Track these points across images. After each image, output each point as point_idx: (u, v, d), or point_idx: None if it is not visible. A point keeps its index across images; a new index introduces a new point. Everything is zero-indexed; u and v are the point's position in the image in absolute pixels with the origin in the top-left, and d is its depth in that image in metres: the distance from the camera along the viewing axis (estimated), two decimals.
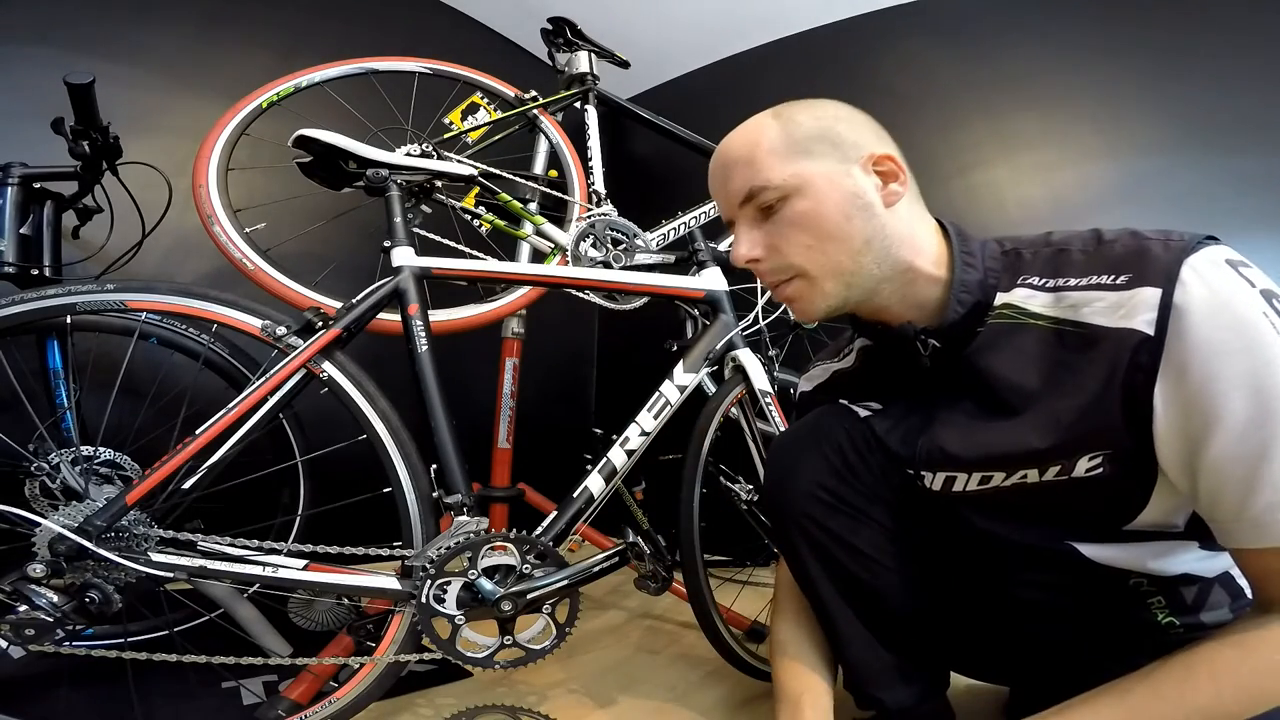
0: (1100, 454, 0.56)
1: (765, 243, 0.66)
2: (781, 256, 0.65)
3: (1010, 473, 0.61)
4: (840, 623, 0.75)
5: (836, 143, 0.64)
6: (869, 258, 0.63)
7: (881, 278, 0.64)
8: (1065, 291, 0.59)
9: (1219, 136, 1.70)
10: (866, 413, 0.75)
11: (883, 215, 0.64)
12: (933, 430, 0.67)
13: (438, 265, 1.00)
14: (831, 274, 0.64)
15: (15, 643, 0.72)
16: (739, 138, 0.68)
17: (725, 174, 0.68)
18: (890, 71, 2.06)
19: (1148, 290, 0.53)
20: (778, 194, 0.63)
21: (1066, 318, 0.58)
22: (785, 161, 0.64)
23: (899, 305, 0.67)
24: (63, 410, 1.10)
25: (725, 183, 0.68)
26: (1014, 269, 0.63)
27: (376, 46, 1.57)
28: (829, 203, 0.63)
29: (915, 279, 0.65)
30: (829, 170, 0.63)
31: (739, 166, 0.66)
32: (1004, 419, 0.61)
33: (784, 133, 0.65)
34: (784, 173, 0.63)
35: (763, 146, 0.65)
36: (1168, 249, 0.54)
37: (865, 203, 0.63)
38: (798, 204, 0.63)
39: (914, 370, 0.69)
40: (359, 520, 1.00)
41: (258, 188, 1.30)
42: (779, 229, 0.64)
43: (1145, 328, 0.52)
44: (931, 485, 0.68)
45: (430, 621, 0.85)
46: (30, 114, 1.21)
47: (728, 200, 0.68)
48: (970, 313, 0.63)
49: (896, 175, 0.65)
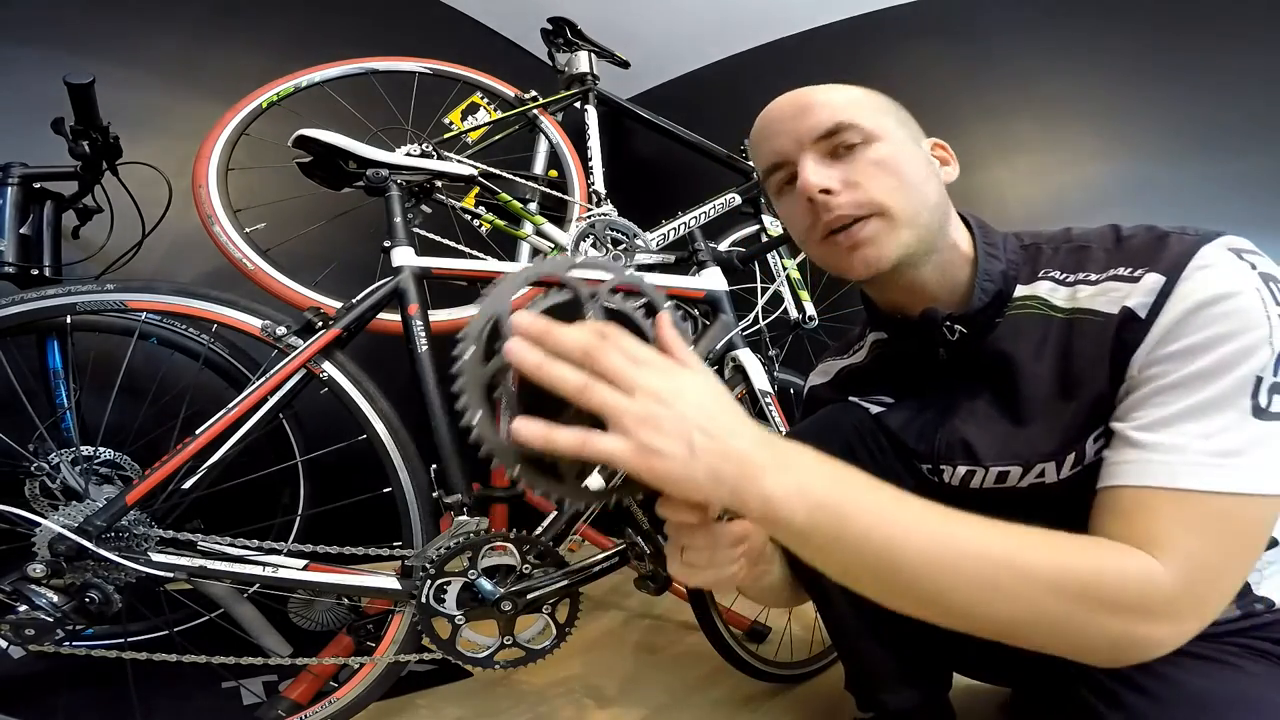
0: (1101, 434, 0.56)
1: (841, 178, 0.62)
2: (864, 192, 0.61)
3: (1028, 468, 0.61)
4: (845, 622, 0.75)
5: (907, 123, 0.67)
6: (936, 219, 0.64)
7: (936, 245, 0.64)
8: (1084, 285, 0.59)
9: (1218, 137, 1.70)
10: (878, 409, 0.75)
11: (944, 189, 0.66)
12: (952, 423, 0.67)
13: (438, 265, 1.00)
14: (911, 220, 0.62)
15: (15, 643, 0.72)
16: (819, 88, 0.66)
17: (801, 111, 0.64)
18: (890, 71, 2.06)
19: (1152, 276, 0.54)
20: (864, 135, 0.62)
21: (1082, 307, 0.59)
22: (874, 113, 0.64)
23: (936, 282, 0.66)
24: (63, 410, 1.10)
25: (799, 119, 0.64)
26: (1034, 262, 0.64)
27: (376, 46, 1.57)
28: (913, 157, 0.64)
29: (955, 258, 0.66)
30: (906, 135, 0.65)
31: (821, 106, 0.63)
32: (1024, 410, 0.61)
33: (869, 97, 0.66)
34: (873, 120, 0.63)
35: (852, 94, 0.65)
36: (1182, 241, 0.54)
37: (935, 171, 0.66)
38: (883, 148, 0.62)
39: (929, 364, 0.69)
40: (359, 520, 1.00)
41: (258, 188, 1.30)
42: (859, 167, 0.62)
43: (1139, 309, 0.53)
44: (951, 480, 0.68)
45: (430, 621, 0.85)
46: (30, 114, 1.21)
47: (796, 136, 0.63)
48: (993, 301, 0.64)
49: (948, 162, 0.68)
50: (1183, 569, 0.45)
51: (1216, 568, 0.47)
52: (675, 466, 0.43)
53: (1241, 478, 0.46)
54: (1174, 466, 0.48)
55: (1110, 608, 0.45)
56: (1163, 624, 0.46)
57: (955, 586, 0.46)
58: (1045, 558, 0.46)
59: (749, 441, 0.45)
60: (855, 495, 0.47)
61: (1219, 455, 0.47)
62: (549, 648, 0.89)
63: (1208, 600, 0.47)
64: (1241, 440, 0.47)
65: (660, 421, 0.43)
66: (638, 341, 0.47)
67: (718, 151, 1.87)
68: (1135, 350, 0.53)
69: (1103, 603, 0.45)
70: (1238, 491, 0.46)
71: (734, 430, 0.45)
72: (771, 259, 1.77)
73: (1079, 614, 0.45)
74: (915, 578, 0.46)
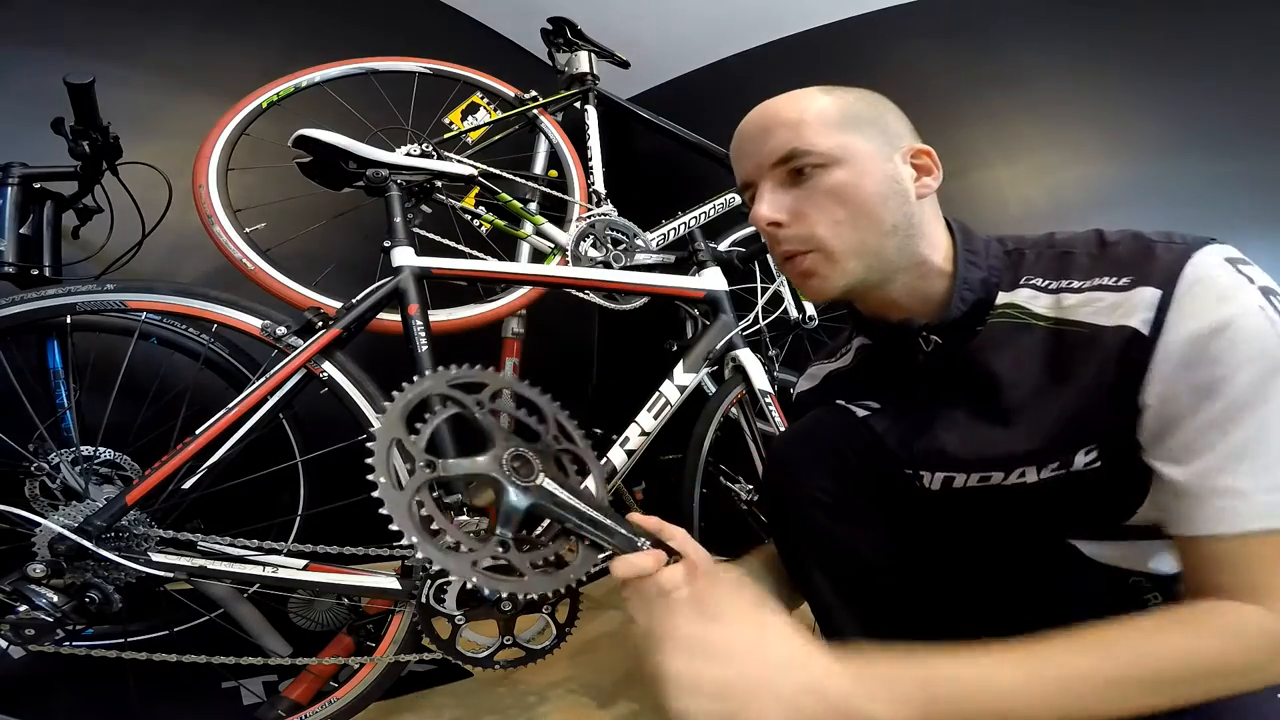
0: (1095, 448, 0.56)
1: (791, 208, 0.63)
2: (807, 226, 0.62)
3: (1009, 472, 0.61)
4: (840, 623, 0.75)
5: (883, 128, 0.64)
6: (893, 243, 0.62)
7: (899, 267, 0.64)
8: (1068, 293, 0.59)
9: (1218, 138, 1.70)
10: (865, 412, 0.75)
11: (913, 205, 0.63)
12: (931, 431, 0.67)
13: (438, 265, 1.00)
14: (855, 253, 0.62)
15: (15, 643, 0.72)
16: (786, 101, 0.65)
17: (763, 132, 0.64)
18: (890, 71, 2.06)
19: (1148, 290, 0.53)
20: (819, 160, 0.61)
21: (1067, 318, 0.58)
22: (834, 131, 0.62)
23: (906, 298, 0.66)
24: (63, 410, 1.10)
25: (761, 141, 0.64)
26: (1016, 269, 0.64)
27: (376, 46, 1.57)
28: (869, 180, 0.62)
29: (927, 273, 0.65)
30: (874, 150, 0.63)
31: (783, 127, 0.63)
32: (1002, 418, 0.61)
33: (836, 106, 0.64)
34: (830, 141, 0.62)
35: (813, 112, 0.63)
36: (1170, 250, 0.54)
37: (901, 189, 0.63)
38: (837, 174, 0.61)
39: (911, 369, 0.69)
40: (359, 520, 1.00)
41: (258, 188, 1.30)
42: (811, 197, 0.62)
43: (1141, 326, 0.52)
44: (930, 485, 0.68)
45: (430, 621, 0.85)
46: (30, 114, 1.21)
47: (758, 160, 0.65)
48: (972, 310, 0.63)
49: (931, 170, 0.65)
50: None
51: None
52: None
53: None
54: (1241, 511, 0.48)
55: (1242, 673, 0.47)
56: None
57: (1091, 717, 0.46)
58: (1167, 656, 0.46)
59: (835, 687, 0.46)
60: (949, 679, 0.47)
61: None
62: (549, 648, 0.89)
63: None
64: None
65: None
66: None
67: (718, 151, 1.87)
68: (1145, 372, 0.52)
69: (1234, 672, 0.46)
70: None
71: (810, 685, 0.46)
72: (771, 259, 1.77)
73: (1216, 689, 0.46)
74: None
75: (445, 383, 0.54)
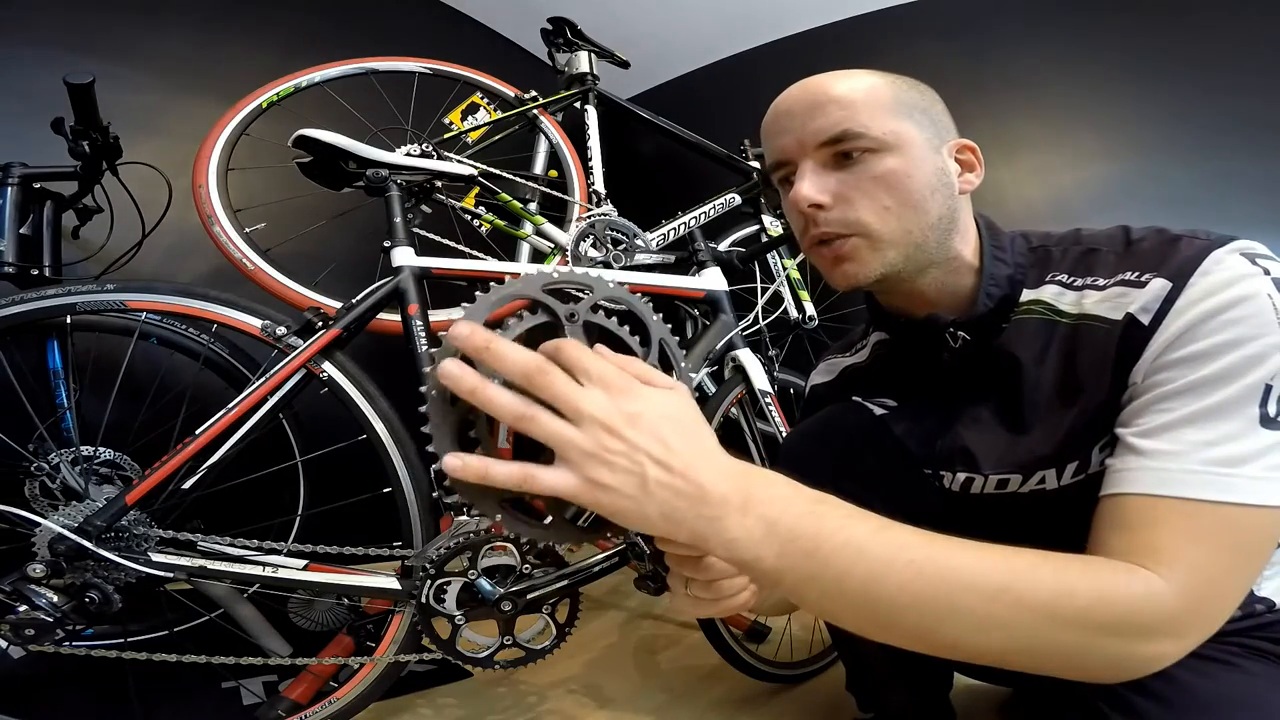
0: (1107, 442, 0.55)
1: (835, 191, 0.61)
2: (851, 210, 0.60)
3: (1028, 475, 0.61)
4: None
5: (934, 118, 0.63)
6: (934, 237, 0.61)
7: (934, 261, 0.63)
8: (1092, 290, 0.58)
9: (1218, 138, 1.70)
10: (881, 410, 0.74)
11: (956, 200, 0.63)
12: (954, 429, 0.66)
13: (438, 265, 1.00)
14: (898, 242, 0.60)
15: (15, 643, 0.72)
16: (840, 78, 0.62)
17: (810, 109, 0.61)
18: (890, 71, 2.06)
19: (1158, 281, 0.53)
20: (872, 144, 0.59)
21: (1087, 313, 0.58)
22: (888, 116, 0.60)
23: (935, 292, 0.65)
24: (63, 410, 1.10)
25: (807, 117, 0.61)
26: (1042, 265, 0.63)
27: (376, 46, 1.57)
28: (920, 170, 0.60)
29: (958, 268, 0.64)
30: (925, 140, 0.62)
31: (834, 105, 0.60)
32: (1026, 417, 0.61)
33: (889, 90, 0.62)
34: (885, 126, 0.60)
35: (870, 93, 0.60)
36: (1192, 245, 0.53)
37: (948, 182, 0.62)
38: (889, 161, 0.59)
39: (933, 367, 0.68)
40: (359, 520, 1.00)
41: (258, 188, 1.30)
42: (858, 182, 0.60)
43: (1142, 315, 0.52)
44: (950, 486, 0.67)
45: (430, 621, 0.85)
46: (30, 114, 1.21)
47: (800, 137, 0.61)
48: (998, 306, 0.63)
49: (974, 167, 0.65)
50: (1185, 583, 0.44)
51: (1220, 581, 0.46)
52: (627, 504, 0.39)
53: (1247, 488, 0.45)
54: (1176, 475, 0.46)
55: (1111, 631, 0.44)
56: (1165, 641, 0.45)
57: (944, 621, 0.43)
58: (1042, 585, 0.44)
59: (710, 475, 0.41)
60: (830, 530, 0.43)
61: (1223, 464, 0.45)
62: (549, 648, 0.89)
63: (1211, 615, 0.46)
64: (1247, 449, 0.45)
65: (609, 453, 0.39)
66: (593, 356, 0.41)
67: (718, 151, 1.87)
68: (1139, 357, 0.52)
69: (1103, 627, 0.43)
70: (1242, 502, 0.45)
71: (693, 463, 0.40)
72: (771, 259, 1.77)
73: (1079, 639, 0.44)
74: (900, 614, 0.44)
75: (540, 286, 0.44)
